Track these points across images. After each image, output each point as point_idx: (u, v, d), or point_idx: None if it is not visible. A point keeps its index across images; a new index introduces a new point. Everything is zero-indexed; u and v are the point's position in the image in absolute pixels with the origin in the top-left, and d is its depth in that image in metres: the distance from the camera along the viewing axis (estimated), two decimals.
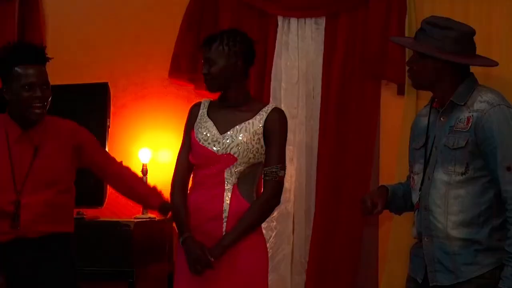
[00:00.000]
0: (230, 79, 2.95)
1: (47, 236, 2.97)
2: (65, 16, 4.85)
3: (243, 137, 2.91)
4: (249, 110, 2.98)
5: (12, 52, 2.96)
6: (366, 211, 2.73)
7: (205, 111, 3.02)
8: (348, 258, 4.39)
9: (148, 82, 4.72)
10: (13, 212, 2.91)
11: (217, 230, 2.89)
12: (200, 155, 2.94)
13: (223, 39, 2.94)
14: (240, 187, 2.92)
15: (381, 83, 4.45)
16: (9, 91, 2.93)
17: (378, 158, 4.44)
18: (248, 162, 2.92)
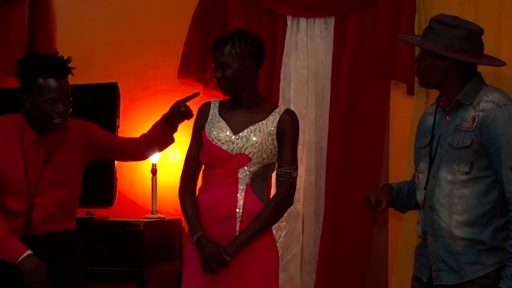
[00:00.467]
0: (243, 81, 2.97)
1: (53, 234, 3.00)
2: (74, 16, 4.87)
3: (257, 137, 2.92)
4: (262, 111, 2.99)
5: (37, 63, 2.96)
6: (370, 208, 2.75)
7: (217, 111, 3.03)
8: (357, 257, 4.38)
9: (157, 82, 4.73)
10: (26, 212, 2.94)
11: (230, 230, 2.90)
12: (213, 155, 2.95)
13: (234, 42, 2.94)
14: (253, 187, 2.93)
15: (390, 82, 4.43)
16: (30, 102, 2.94)
17: (387, 158, 4.43)
18: (262, 163, 2.93)
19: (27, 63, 2.99)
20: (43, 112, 2.92)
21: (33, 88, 2.92)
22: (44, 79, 2.91)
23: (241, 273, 2.89)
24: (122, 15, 4.81)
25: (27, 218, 2.94)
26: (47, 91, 2.90)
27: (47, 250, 2.92)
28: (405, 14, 4.29)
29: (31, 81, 2.93)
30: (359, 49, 4.43)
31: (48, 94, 2.90)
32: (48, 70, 2.93)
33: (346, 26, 4.46)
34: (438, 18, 2.71)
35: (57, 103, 2.92)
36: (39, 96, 2.91)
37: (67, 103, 2.96)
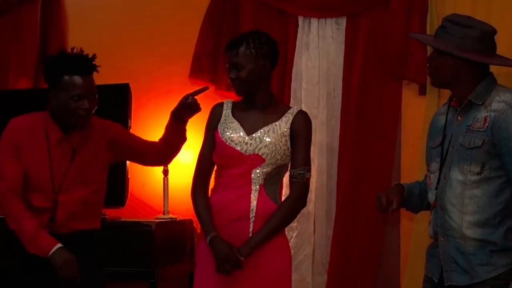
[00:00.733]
0: (258, 82, 2.96)
1: (77, 232, 3.01)
2: (86, 17, 4.89)
3: (271, 138, 2.92)
4: (275, 112, 2.99)
5: (62, 61, 2.98)
6: (381, 208, 2.73)
7: (230, 112, 3.03)
8: (369, 258, 4.37)
9: (169, 83, 4.74)
10: (50, 209, 2.96)
11: (243, 231, 2.90)
12: (226, 155, 2.95)
13: (249, 42, 2.94)
14: (267, 187, 2.93)
15: (402, 83, 4.42)
16: (56, 99, 2.96)
17: (399, 158, 4.42)
18: (275, 164, 2.93)
19: (53, 61, 3.01)
20: (68, 109, 2.94)
21: (59, 85, 2.95)
22: (70, 76, 2.93)
23: (254, 273, 2.89)
24: (134, 16, 4.83)
25: (51, 216, 2.95)
26: (73, 88, 2.92)
27: (70, 248, 2.92)
28: (417, 14, 4.28)
29: (57, 78, 2.95)
30: (371, 49, 4.43)
31: (74, 91, 2.92)
32: (74, 67, 2.95)
33: (357, 26, 4.46)
34: (451, 17, 2.70)
35: (82, 100, 2.94)
36: (64, 93, 2.93)
37: (92, 100, 2.98)
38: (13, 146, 2.96)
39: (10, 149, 2.96)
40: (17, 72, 4.94)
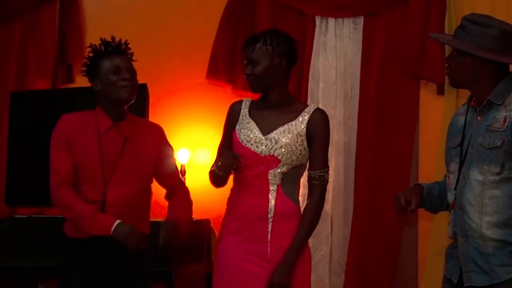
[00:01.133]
0: (273, 80, 2.95)
1: None
2: (104, 17, 4.91)
3: (286, 139, 2.90)
4: (291, 111, 2.97)
5: (98, 48, 3.06)
6: (400, 208, 2.71)
7: (247, 111, 3.01)
8: (387, 258, 4.36)
9: (186, 83, 4.75)
10: (101, 203, 2.96)
11: (262, 231, 2.89)
12: (243, 156, 2.94)
13: (266, 39, 2.93)
14: (284, 187, 2.91)
15: (420, 82, 4.41)
16: (98, 81, 3.02)
17: (417, 158, 4.40)
18: (291, 164, 2.91)
19: (89, 57, 3.08)
20: (110, 84, 2.99)
21: (98, 69, 3.02)
22: (105, 58, 3.03)
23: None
24: (151, 16, 4.85)
25: (102, 209, 2.96)
26: (110, 63, 3.01)
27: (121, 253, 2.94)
28: (435, 13, 4.27)
29: (95, 67, 3.03)
30: (389, 49, 4.41)
31: (112, 65, 3.00)
32: (107, 50, 3.04)
33: (375, 26, 4.45)
34: (470, 17, 2.68)
35: (121, 72, 3.00)
36: (104, 71, 3.00)
37: (132, 74, 3.03)
38: (64, 141, 2.98)
39: (61, 144, 2.98)
40: (36, 73, 4.97)
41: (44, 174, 4.61)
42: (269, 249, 2.89)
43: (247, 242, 2.89)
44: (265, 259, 2.88)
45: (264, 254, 2.89)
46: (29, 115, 4.76)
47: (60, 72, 4.93)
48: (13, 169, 4.71)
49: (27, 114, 4.76)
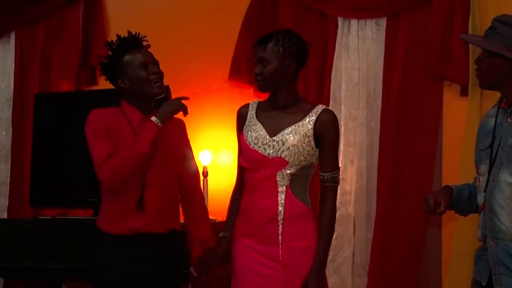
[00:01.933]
0: (281, 81, 2.93)
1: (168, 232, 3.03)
2: (127, 19, 4.92)
3: (293, 140, 2.89)
4: (298, 112, 2.95)
5: (117, 45, 3.06)
6: (429, 210, 2.69)
7: (254, 113, 3.01)
8: (410, 260, 4.34)
9: (209, 85, 4.76)
10: (139, 191, 2.97)
11: (273, 233, 2.89)
12: (251, 158, 2.93)
13: (278, 40, 2.92)
14: (293, 188, 2.91)
15: (443, 83, 4.38)
16: (126, 78, 3.02)
17: (440, 160, 4.37)
18: (299, 165, 2.90)
19: (108, 55, 3.08)
20: (140, 79, 3.00)
21: (123, 66, 3.02)
22: (129, 53, 3.02)
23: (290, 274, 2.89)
24: (174, 18, 4.86)
25: (140, 196, 2.97)
26: (136, 59, 3.01)
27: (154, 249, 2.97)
28: (459, 14, 4.24)
29: (118, 62, 3.03)
30: (412, 50, 4.39)
31: (138, 61, 3.01)
32: (128, 45, 3.04)
33: (398, 27, 4.43)
34: (501, 18, 2.66)
35: (149, 66, 3.01)
36: (130, 68, 3.01)
37: (158, 66, 3.05)
38: (103, 130, 2.98)
39: (100, 134, 2.97)
40: (59, 75, 5.00)
41: (68, 176, 4.69)
42: (281, 250, 2.89)
43: (258, 244, 2.89)
44: (276, 261, 2.88)
45: (275, 256, 2.89)
46: (53, 117, 4.79)
47: (83, 74, 4.96)
48: (37, 171, 4.74)
49: (51, 116, 4.79)
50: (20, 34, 5.07)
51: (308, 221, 2.93)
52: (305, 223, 2.92)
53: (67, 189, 4.69)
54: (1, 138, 5.06)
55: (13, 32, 5.08)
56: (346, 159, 4.48)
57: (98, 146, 2.96)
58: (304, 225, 2.92)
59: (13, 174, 5.00)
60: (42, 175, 4.73)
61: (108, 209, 3.05)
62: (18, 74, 5.05)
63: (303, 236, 2.91)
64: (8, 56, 5.09)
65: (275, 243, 2.88)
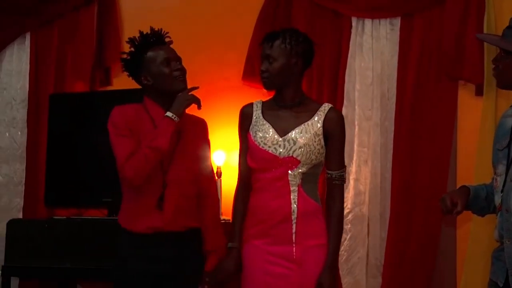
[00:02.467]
0: (287, 79, 2.93)
1: (188, 230, 3.03)
2: (141, 20, 4.90)
3: (304, 139, 2.89)
4: (306, 111, 2.96)
5: (140, 41, 3.06)
6: (446, 210, 2.67)
7: (260, 113, 3.00)
8: (424, 261, 4.32)
9: (222, 85, 4.76)
10: (161, 188, 2.98)
11: (286, 232, 2.90)
12: (261, 159, 2.93)
13: (285, 37, 2.92)
14: (305, 187, 2.91)
15: (458, 83, 4.36)
16: (149, 75, 3.02)
17: (455, 160, 4.35)
18: (311, 163, 2.91)
19: (131, 52, 3.08)
20: (163, 76, 3.00)
21: (146, 62, 3.02)
22: (151, 49, 3.03)
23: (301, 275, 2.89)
24: (188, 18, 4.87)
25: (160, 195, 2.97)
26: (158, 55, 3.01)
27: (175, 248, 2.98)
28: (474, 13, 4.22)
29: (141, 59, 3.03)
30: (426, 50, 4.38)
31: (161, 57, 3.01)
32: (150, 42, 3.04)
33: (412, 26, 4.41)
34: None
35: (172, 62, 3.02)
36: (153, 64, 3.01)
37: (180, 62, 3.06)
38: (126, 128, 2.98)
39: (123, 131, 2.97)
40: (74, 76, 5.02)
41: (83, 176, 4.71)
42: (295, 249, 2.89)
43: (271, 244, 2.90)
44: (290, 260, 2.88)
45: (289, 255, 2.89)
46: (67, 117, 4.82)
47: (97, 75, 4.98)
48: (52, 171, 4.76)
49: (66, 116, 4.82)
50: (35, 35, 5.10)
51: (320, 219, 2.94)
52: (317, 221, 2.93)
53: (81, 189, 4.71)
54: (16, 138, 5.08)
55: (28, 33, 5.11)
56: (360, 159, 4.47)
57: (121, 144, 2.96)
58: (317, 223, 2.93)
59: (28, 174, 5.03)
60: (57, 175, 4.75)
61: (129, 207, 3.05)
62: (33, 74, 5.08)
63: (317, 234, 2.91)
64: (23, 56, 5.12)
65: (289, 242, 2.89)
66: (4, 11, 5.12)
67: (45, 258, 4.27)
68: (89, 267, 4.19)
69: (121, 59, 3.13)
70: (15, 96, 5.10)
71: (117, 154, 2.96)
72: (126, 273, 2.99)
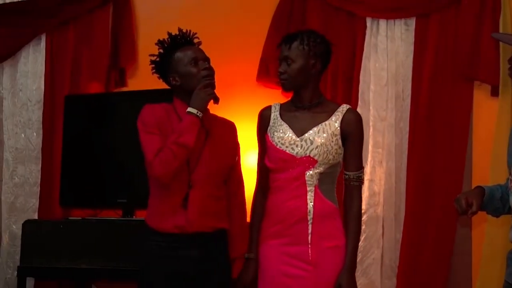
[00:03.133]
0: (306, 80, 2.94)
1: (216, 231, 3.04)
2: (155, 21, 4.95)
3: (322, 139, 2.90)
4: (323, 111, 2.97)
5: (169, 43, 3.10)
6: (461, 210, 2.65)
7: (278, 114, 3.02)
8: (439, 262, 4.30)
9: (236, 86, 4.76)
10: (186, 188, 2.98)
11: (302, 233, 2.90)
12: (279, 159, 2.94)
13: (303, 39, 2.94)
14: (321, 187, 2.92)
15: (473, 84, 4.34)
16: (176, 75, 3.04)
17: (470, 161, 4.33)
18: (328, 163, 2.91)
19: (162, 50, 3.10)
20: (191, 76, 3.02)
21: (174, 63, 3.05)
22: (179, 50, 3.06)
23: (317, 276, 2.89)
24: (202, 19, 4.86)
25: (185, 196, 2.98)
26: (186, 56, 3.04)
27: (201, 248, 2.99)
28: (490, 13, 4.19)
29: (169, 59, 3.06)
30: (441, 50, 4.36)
31: (188, 57, 3.03)
32: (178, 42, 3.08)
33: (427, 27, 4.39)
34: None
35: (199, 62, 3.04)
36: (181, 64, 3.03)
37: (208, 62, 3.08)
38: (155, 125, 2.99)
39: (152, 129, 2.99)
40: (89, 77, 5.04)
41: (98, 177, 4.72)
42: (310, 250, 2.89)
43: (288, 245, 2.90)
44: (306, 261, 2.89)
45: (305, 256, 2.89)
46: (83, 118, 4.84)
47: (113, 76, 5.00)
48: (68, 172, 4.78)
49: (81, 117, 4.84)
50: (50, 36, 5.13)
51: (337, 220, 2.94)
52: (334, 222, 2.93)
53: (96, 190, 4.73)
54: (31, 139, 5.11)
55: (44, 34, 5.14)
56: (374, 160, 4.46)
57: (149, 141, 2.97)
58: (333, 224, 2.92)
59: (44, 175, 5.05)
60: (72, 176, 4.77)
61: (156, 206, 3.06)
62: (48, 76, 5.11)
63: (333, 235, 2.91)
64: (38, 58, 5.15)
65: (305, 243, 2.89)
66: (20, 12, 5.16)
67: (61, 258, 4.29)
68: (104, 267, 4.20)
69: (151, 61, 3.15)
70: (31, 97, 5.13)
71: (146, 151, 2.96)
72: (151, 273, 3.00)
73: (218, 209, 3.06)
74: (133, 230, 4.10)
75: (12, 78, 5.25)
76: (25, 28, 5.13)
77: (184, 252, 2.98)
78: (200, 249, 2.98)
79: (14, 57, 5.23)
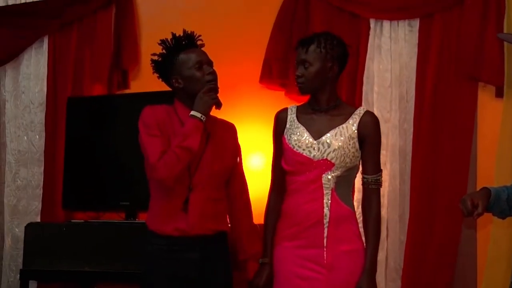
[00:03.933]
0: (323, 83, 2.94)
1: (216, 234, 3.04)
2: (158, 22, 4.95)
3: (339, 142, 2.89)
4: (341, 114, 2.96)
5: (172, 44, 3.08)
6: (466, 212, 2.63)
7: (294, 116, 3.01)
8: (444, 264, 4.28)
9: (239, 87, 4.75)
10: (186, 191, 2.98)
11: (318, 236, 2.89)
12: (295, 162, 2.93)
13: (320, 42, 2.93)
14: (338, 191, 2.91)
15: (478, 85, 4.32)
16: (180, 78, 3.03)
17: (475, 162, 4.31)
18: (345, 167, 2.91)
19: (165, 50, 3.09)
20: (195, 79, 3.00)
21: (178, 65, 3.03)
22: (183, 52, 3.04)
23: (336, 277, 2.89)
24: (205, 20, 4.86)
25: (186, 198, 2.97)
26: (191, 58, 3.02)
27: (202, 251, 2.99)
28: (494, 14, 4.18)
29: (173, 61, 3.04)
30: (445, 51, 4.34)
31: (193, 60, 3.02)
32: (183, 44, 3.05)
33: (431, 27, 4.38)
34: None
35: (204, 65, 3.02)
36: (185, 67, 3.02)
37: (212, 66, 3.07)
38: (156, 127, 2.99)
39: (153, 130, 2.98)
40: (92, 79, 5.03)
41: (100, 179, 4.71)
42: (325, 254, 2.88)
43: (303, 247, 2.89)
44: (321, 264, 2.88)
45: (320, 259, 2.88)
46: (85, 120, 4.83)
47: (115, 78, 4.99)
48: (70, 174, 4.78)
49: (84, 119, 4.83)
50: (53, 38, 5.13)
51: (353, 224, 2.93)
52: (350, 226, 2.92)
53: (99, 192, 4.72)
54: (34, 141, 5.10)
55: (46, 36, 5.13)
56: None
57: (152, 144, 2.96)
58: (349, 228, 2.92)
59: (46, 178, 5.04)
60: (75, 179, 4.77)
61: (157, 209, 3.05)
62: (51, 78, 5.10)
63: (349, 239, 2.90)
64: (41, 60, 5.15)
65: (320, 246, 2.88)
66: (22, 14, 5.15)
67: (63, 261, 4.28)
68: (107, 270, 4.19)
69: (152, 60, 3.13)
70: (33, 100, 5.13)
71: (149, 153, 2.95)
72: (153, 276, 3.00)
73: (218, 211, 3.06)
74: (136, 233, 4.08)
75: (14, 81, 5.24)
76: (27, 30, 5.13)
77: (185, 254, 2.97)
78: (201, 251, 2.98)
79: (17, 59, 5.23)
